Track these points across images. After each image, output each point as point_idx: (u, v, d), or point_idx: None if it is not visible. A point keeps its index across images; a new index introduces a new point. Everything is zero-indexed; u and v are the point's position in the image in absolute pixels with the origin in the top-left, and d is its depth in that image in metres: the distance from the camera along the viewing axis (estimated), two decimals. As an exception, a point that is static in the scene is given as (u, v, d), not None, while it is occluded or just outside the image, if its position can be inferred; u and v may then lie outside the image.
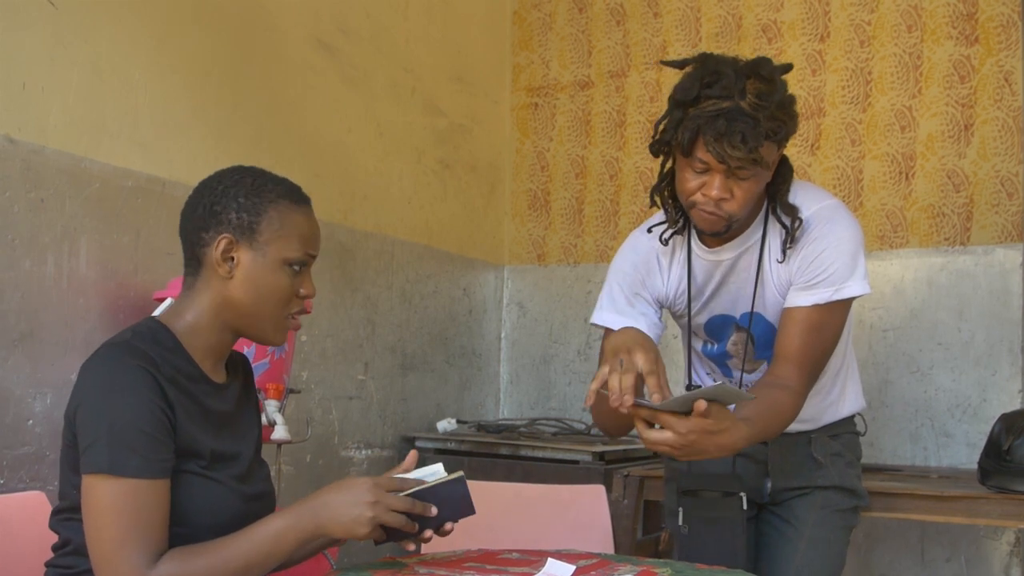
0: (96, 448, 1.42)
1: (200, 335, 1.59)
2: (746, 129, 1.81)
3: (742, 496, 2.07)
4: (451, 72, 3.93)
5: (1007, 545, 3.29)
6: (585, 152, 4.10)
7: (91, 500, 1.42)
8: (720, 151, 1.82)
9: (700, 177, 1.91)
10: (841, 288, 1.96)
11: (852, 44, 3.61)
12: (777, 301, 2.05)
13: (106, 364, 1.48)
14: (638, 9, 4.01)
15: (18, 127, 2.32)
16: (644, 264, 2.14)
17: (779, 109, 1.86)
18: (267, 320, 1.60)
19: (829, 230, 1.98)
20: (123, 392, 1.44)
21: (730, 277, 2.08)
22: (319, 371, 3.24)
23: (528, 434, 3.62)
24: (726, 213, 1.92)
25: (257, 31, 3.03)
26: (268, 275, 1.57)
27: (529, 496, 2.48)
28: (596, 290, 3.96)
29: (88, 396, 1.46)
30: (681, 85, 1.92)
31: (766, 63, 1.89)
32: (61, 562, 1.54)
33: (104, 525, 1.41)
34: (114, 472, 1.41)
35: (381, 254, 3.54)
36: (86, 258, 2.47)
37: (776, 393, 1.89)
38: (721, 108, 1.83)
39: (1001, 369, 3.31)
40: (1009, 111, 3.36)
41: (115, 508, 1.40)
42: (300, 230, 1.60)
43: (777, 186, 2.01)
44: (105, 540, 1.40)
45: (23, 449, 2.31)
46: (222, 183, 1.60)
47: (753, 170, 1.87)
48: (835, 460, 2.18)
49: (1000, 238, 3.35)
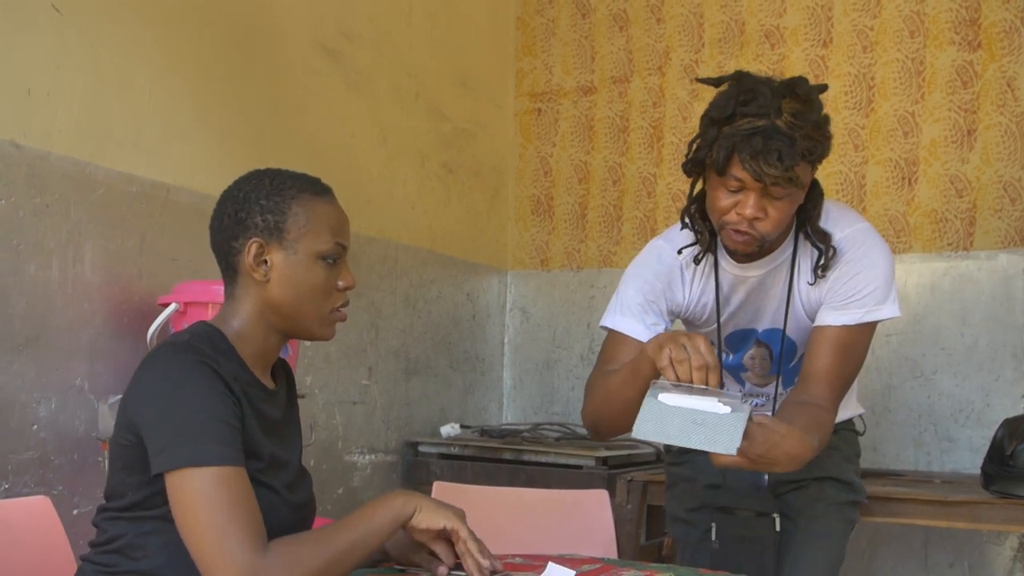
0: (177, 443, 1.41)
1: (248, 341, 1.59)
2: (782, 147, 1.80)
3: (775, 517, 2.07)
4: (454, 77, 3.94)
5: (1010, 550, 3.29)
6: (588, 157, 4.11)
7: (183, 496, 1.40)
8: (756, 169, 1.81)
9: (734, 196, 1.89)
10: (873, 310, 1.97)
11: (855, 50, 3.61)
12: (802, 320, 2.06)
13: (171, 362, 1.47)
14: (641, 15, 4.01)
15: (23, 132, 2.33)
16: (667, 275, 2.11)
17: (815, 129, 1.85)
18: (311, 317, 1.60)
19: (864, 253, 1.99)
20: (194, 386, 1.44)
21: (756, 294, 2.08)
22: (323, 376, 3.25)
23: (531, 439, 3.62)
24: (759, 233, 1.91)
25: (261, 36, 3.04)
26: (303, 272, 1.57)
27: (532, 501, 2.48)
28: (599, 295, 4.00)
29: (158, 394, 1.45)
30: (716, 103, 1.91)
31: (802, 83, 1.88)
32: (102, 559, 1.52)
33: (202, 518, 1.38)
34: (201, 463, 1.39)
35: (385, 259, 3.55)
36: (91, 263, 2.47)
37: (815, 411, 1.89)
38: (757, 126, 1.82)
39: (1004, 374, 3.31)
40: (1012, 116, 3.36)
41: (210, 499, 1.38)
42: (327, 221, 1.60)
43: (808, 210, 2.00)
44: (207, 533, 1.38)
45: (28, 454, 2.31)
46: (242, 189, 1.60)
47: (788, 189, 1.86)
48: (831, 453, 2.16)
49: (1003, 243, 3.35)
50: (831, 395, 1.94)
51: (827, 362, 1.96)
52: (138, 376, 1.49)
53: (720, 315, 2.10)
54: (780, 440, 1.66)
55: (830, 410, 1.94)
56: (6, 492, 2.25)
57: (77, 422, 2.42)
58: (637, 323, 2.08)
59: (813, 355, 1.98)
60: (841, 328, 1.97)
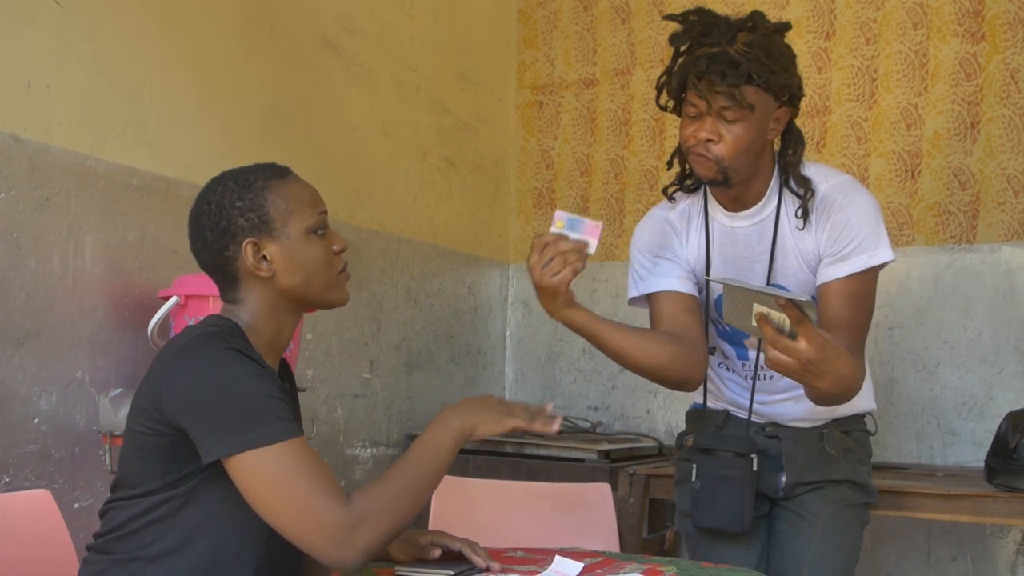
0: (240, 428, 1.44)
1: (261, 333, 1.62)
2: (727, 68, 1.89)
3: (753, 457, 2.09)
4: (456, 70, 3.93)
5: (1013, 544, 3.28)
6: (590, 150, 4.10)
7: (259, 476, 1.44)
8: (702, 89, 1.91)
9: (694, 122, 1.98)
10: (874, 254, 1.99)
11: (858, 42, 3.60)
12: (801, 272, 2.07)
13: (208, 349, 1.50)
14: (643, 7, 4.00)
15: (23, 126, 2.33)
16: (659, 230, 2.18)
17: (767, 56, 1.92)
18: (322, 289, 1.64)
19: (852, 200, 2.02)
20: (239, 370, 1.48)
21: (744, 248, 2.11)
22: (324, 369, 3.24)
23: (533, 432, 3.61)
24: (714, 156, 1.96)
25: (262, 29, 3.03)
26: (302, 251, 1.61)
27: (534, 495, 2.48)
28: (601, 288, 4.00)
29: (203, 384, 1.47)
30: (676, 34, 2.02)
31: (760, 17, 1.97)
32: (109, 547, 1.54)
33: (286, 493, 1.44)
34: (270, 441, 1.44)
35: (386, 252, 3.54)
36: (91, 256, 2.47)
37: None
38: (710, 53, 1.92)
39: (1007, 367, 3.30)
40: (1016, 108, 3.35)
41: (289, 473, 1.44)
42: (302, 197, 1.63)
43: (788, 156, 2.06)
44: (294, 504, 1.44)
45: (29, 447, 2.31)
46: (211, 201, 1.61)
47: (738, 112, 1.92)
48: (847, 455, 2.18)
49: (1006, 236, 3.34)
50: (855, 345, 1.95)
51: (844, 314, 1.98)
52: (171, 370, 1.50)
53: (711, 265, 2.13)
54: (836, 355, 1.68)
55: (859, 357, 1.94)
56: (7, 486, 2.25)
57: (78, 416, 2.42)
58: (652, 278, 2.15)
59: (828, 310, 2.00)
60: (849, 279, 1.99)
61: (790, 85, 1.98)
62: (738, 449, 2.11)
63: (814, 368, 1.66)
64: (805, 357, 1.64)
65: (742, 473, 2.08)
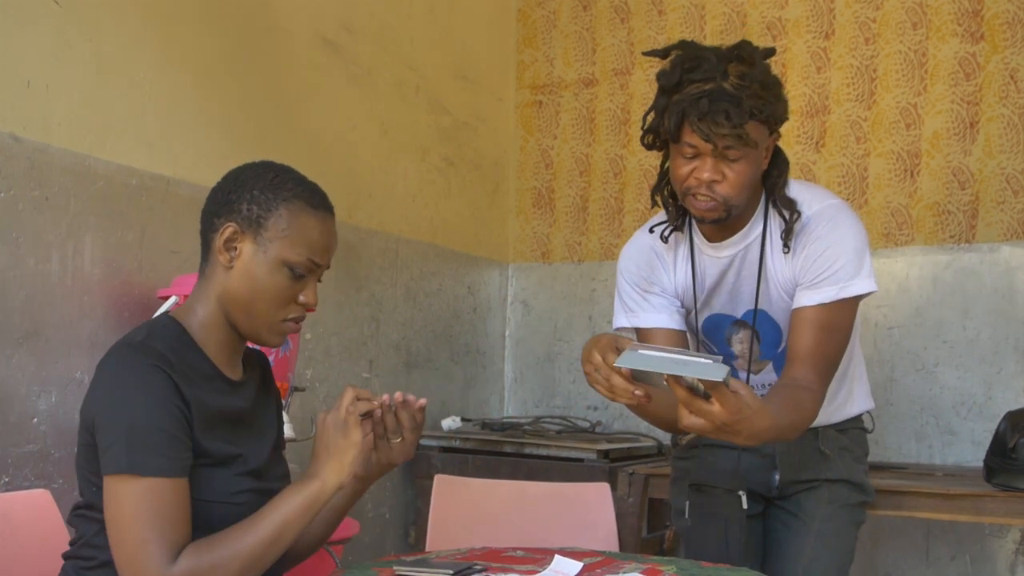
0: (116, 449, 1.43)
1: (212, 330, 1.59)
2: (730, 107, 1.83)
3: (741, 495, 2.08)
4: (455, 70, 3.93)
5: (1012, 543, 3.28)
6: (589, 150, 4.10)
7: (113, 501, 1.43)
8: (705, 131, 1.84)
9: (691, 163, 1.92)
10: (847, 286, 1.95)
11: (857, 41, 3.60)
12: (781, 299, 2.05)
13: (122, 364, 1.48)
14: (642, 6, 4.00)
15: (23, 125, 2.32)
16: (647, 262, 2.15)
17: (763, 89, 1.87)
18: (260, 319, 1.58)
19: (832, 228, 1.98)
20: (141, 392, 1.45)
21: (730, 275, 2.08)
22: (323, 369, 3.24)
23: (533, 432, 3.62)
24: (720, 196, 1.92)
25: (262, 29, 3.03)
26: (265, 273, 1.56)
27: (534, 494, 2.48)
28: (601, 288, 4.00)
29: (106, 397, 1.46)
30: (663, 72, 1.95)
31: (747, 45, 1.91)
32: (78, 553, 1.56)
33: (126, 526, 1.41)
34: (134, 472, 1.42)
35: (386, 252, 3.54)
36: (91, 256, 2.47)
37: (796, 392, 1.88)
38: (704, 90, 1.85)
39: (1006, 367, 3.31)
40: (1015, 108, 3.35)
41: (136, 508, 1.41)
42: (309, 235, 1.57)
43: (774, 179, 2.02)
44: (128, 541, 1.41)
45: (28, 447, 2.31)
46: (244, 173, 1.60)
47: (742, 151, 1.88)
48: (842, 454, 2.17)
49: (1005, 235, 3.35)
50: (816, 376, 1.92)
51: (808, 343, 1.94)
52: (96, 376, 1.50)
53: (697, 298, 2.11)
54: (750, 414, 1.62)
55: (818, 391, 1.92)
56: (6, 485, 2.25)
57: (77, 416, 2.42)
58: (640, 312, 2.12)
59: (794, 337, 1.97)
60: (818, 307, 1.95)
61: (783, 114, 1.94)
62: (727, 486, 2.12)
63: (729, 428, 1.63)
64: (720, 420, 1.60)
65: (731, 512, 2.09)
